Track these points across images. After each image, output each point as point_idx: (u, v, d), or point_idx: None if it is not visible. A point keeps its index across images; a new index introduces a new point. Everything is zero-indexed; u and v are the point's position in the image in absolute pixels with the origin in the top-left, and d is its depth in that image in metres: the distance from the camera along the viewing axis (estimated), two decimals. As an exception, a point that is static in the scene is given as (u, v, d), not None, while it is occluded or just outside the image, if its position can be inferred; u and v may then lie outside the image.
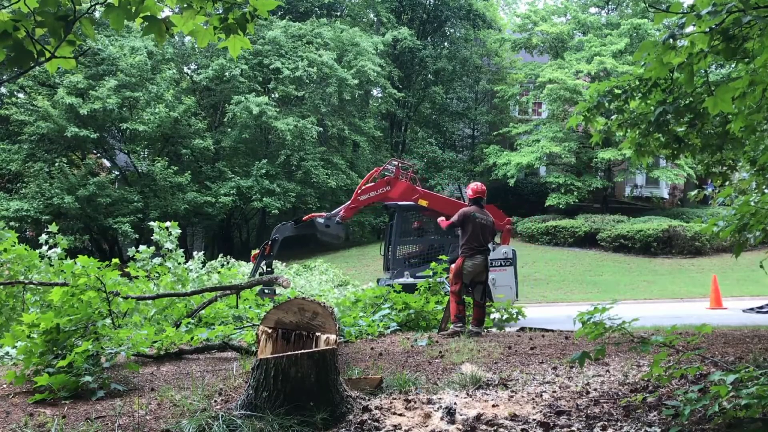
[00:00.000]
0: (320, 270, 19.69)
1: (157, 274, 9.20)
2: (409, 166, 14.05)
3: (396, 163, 13.96)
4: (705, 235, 21.66)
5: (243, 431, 3.48)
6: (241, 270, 14.65)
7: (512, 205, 30.26)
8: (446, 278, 8.56)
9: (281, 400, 3.65)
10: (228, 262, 15.39)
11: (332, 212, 13.52)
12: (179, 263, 9.99)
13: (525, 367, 5.43)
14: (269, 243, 13.25)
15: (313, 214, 13.92)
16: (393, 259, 12.76)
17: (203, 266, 12.34)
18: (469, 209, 7.91)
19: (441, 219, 8.55)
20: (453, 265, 7.95)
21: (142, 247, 9.99)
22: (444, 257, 10.28)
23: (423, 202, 13.08)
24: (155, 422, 3.88)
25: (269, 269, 13.01)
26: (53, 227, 9.80)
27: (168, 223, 11.22)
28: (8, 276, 7.57)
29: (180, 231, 11.02)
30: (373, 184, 13.46)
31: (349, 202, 13.52)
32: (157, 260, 9.75)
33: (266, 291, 11.12)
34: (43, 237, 9.64)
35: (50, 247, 9.34)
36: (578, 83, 27.76)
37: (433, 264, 9.64)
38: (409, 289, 9.86)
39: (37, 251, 8.53)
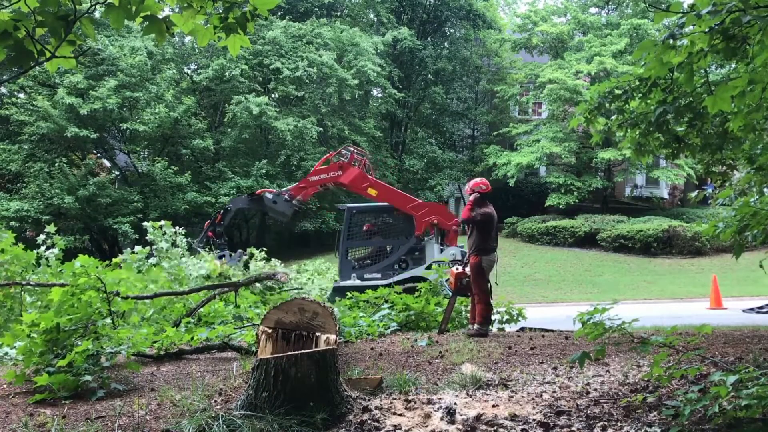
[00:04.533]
0: (319, 270, 19.68)
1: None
2: (364, 153, 14.05)
3: (352, 149, 13.99)
4: (705, 236, 21.68)
5: (243, 431, 3.48)
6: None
7: (512, 205, 30.28)
8: (446, 281, 8.53)
9: (281, 400, 3.65)
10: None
11: (282, 189, 13.68)
12: (177, 263, 9.99)
13: (525, 367, 5.43)
14: (221, 212, 13.52)
15: (264, 189, 14.09)
16: (341, 262, 12.72)
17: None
18: (490, 210, 7.82)
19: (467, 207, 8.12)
20: (457, 268, 7.88)
21: (137, 248, 9.99)
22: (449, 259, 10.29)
23: (372, 192, 13.14)
24: (155, 422, 3.87)
25: (220, 240, 13.05)
26: (51, 228, 9.80)
27: (162, 222, 11.23)
28: (6, 277, 7.56)
29: (181, 230, 11.05)
30: (325, 166, 13.54)
31: (299, 182, 13.73)
32: (154, 260, 9.75)
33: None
34: (41, 237, 9.64)
35: (48, 248, 9.34)
36: (578, 83, 27.77)
37: (433, 267, 9.64)
38: (356, 291, 9.90)
39: (35, 252, 8.53)
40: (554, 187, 29.16)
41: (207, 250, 12.73)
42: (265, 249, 13.15)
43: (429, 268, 12.33)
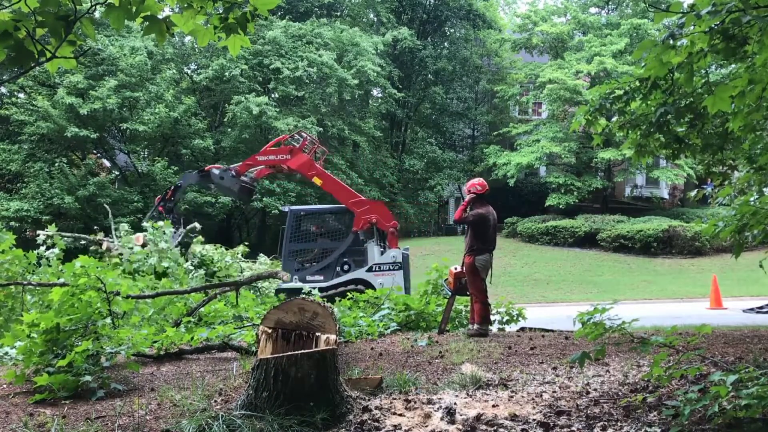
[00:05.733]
0: None
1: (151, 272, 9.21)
2: (316, 142, 14.12)
3: (305, 135, 14.13)
4: (705, 235, 21.70)
5: (243, 431, 3.48)
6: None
7: (512, 205, 30.29)
8: (445, 280, 8.53)
9: (281, 400, 3.65)
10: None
11: (230, 166, 13.83)
12: (177, 263, 9.99)
13: (525, 367, 5.43)
14: (172, 188, 13.77)
15: (213, 165, 14.24)
16: (283, 264, 12.74)
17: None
18: (484, 211, 7.79)
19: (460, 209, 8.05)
20: (456, 268, 7.87)
21: (137, 248, 10.00)
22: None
23: (317, 181, 13.26)
24: (155, 422, 3.87)
25: (169, 216, 13.10)
26: (52, 228, 9.80)
27: (161, 223, 11.25)
28: (6, 277, 7.57)
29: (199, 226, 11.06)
30: (276, 148, 13.64)
31: (247, 159, 13.98)
32: (153, 260, 9.76)
33: None
34: (41, 237, 9.65)
35: (48, 248, 9.34)
36: (578, 83, 27.77)
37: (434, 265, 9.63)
38: (296, 293, 9.89)
39: (35, 252, 8.53)
40: (554, 187, 29.16)
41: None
42: (246, 243, 13.22)
43: (370, 270, 12.36)
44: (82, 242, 12.74)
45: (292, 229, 13.06)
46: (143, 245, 10.95)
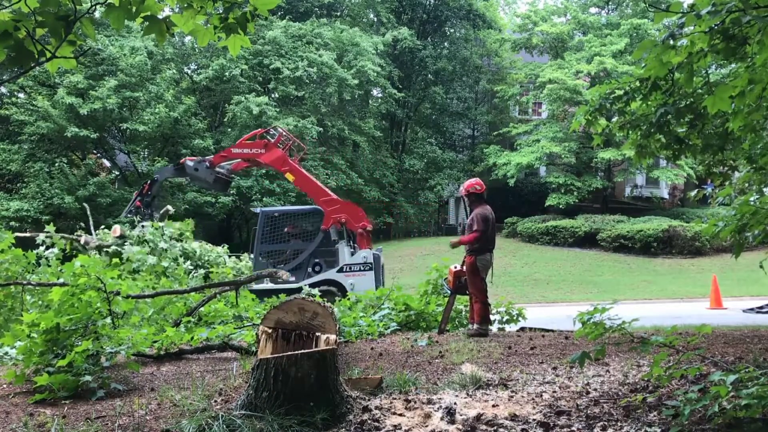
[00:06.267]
0: None
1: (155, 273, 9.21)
2: (292, 138, 14.15)
3: (280, 130, 14.18)
4: (705, 235, 21.70)
5: (243, 431, 3.48)
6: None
7: (512, 205, 30.30)
8: (445, 279, 8.53)
9: (281, 400, 3.65)
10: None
11: (204, 158, 13.95)
12: (177, 263, 9.99)
13: (525, 367, 5.43)
14: (149, 182, 13.91)
15: (187, 158, 14.31)
16: (254, 265, 12.78)
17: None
18: (487, 211, 7.78)
19: (462, 238, 7.89)
20: (455, 267, 7.86)
21: (136, 248, 10.00)
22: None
23: (290, 177, 13.40)
24: (155, 422, 3.87)
25: (146, 210, 13.16)
26: (50, 228, 9.80)
27: (162, 223, 11.25)
28: (6, 277, 7.57)
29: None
30: (251, 142, 13.73)
31: (221, 151, 14.08)
32: (152, 260, 9.76)
33: None
34: (41, 237, 9.64)
35: (47, 248, 9.34)
36: (578, 83, 27.78)
37: (433, 266, 9.62)
38: (267, 294, 9.87)
39: (35, 252, 8.53)
40: (554, 187, 29.16)
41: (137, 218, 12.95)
42: (226, 245, 13.30)
43: (341, 271, 12.36)
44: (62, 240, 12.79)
45: (264, 230, 13.11)
46: (120, 236, 11.00)
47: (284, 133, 13.96)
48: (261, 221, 13.24)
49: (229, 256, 12.73)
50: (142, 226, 11.99)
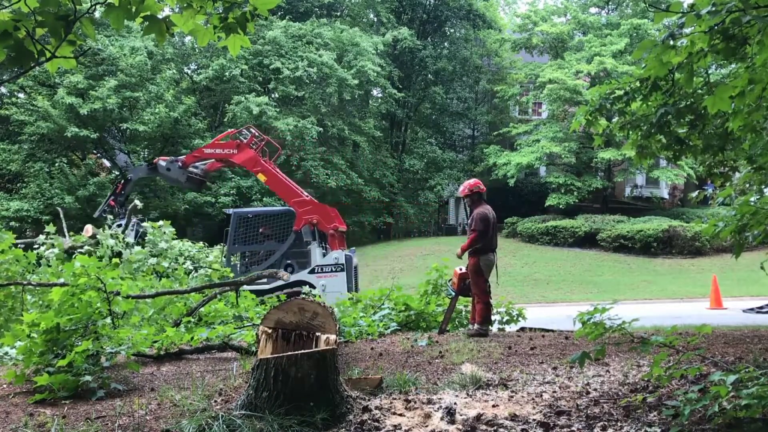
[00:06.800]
0: None
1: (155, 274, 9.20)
2: (265, 139, 14.20)
3: (253, 131, 14.22)
4: (705, 236, 21.70)
5: (243, 431, 3.48)
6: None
7: (512, 205, 30.29)
8: (449, 281, 8.53)
9: (281, 400, 3.65)
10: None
11: (177, 157, 13.95)
12: (177, 263, 9.99)
13: (525, 367, 5.43)
14: (123, 181, 14.02)
15: (161, 157, 14.34)
16: (226, 265, 12.72)
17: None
18: (487, 211, 7.78)
19: (463, 246, 7.82)
20: (461, 269, 7.86)
21: (136, 248, 10.00)
22: None
23: (262, 178, 13.47)
24: (155, 422, 3.87)
25: (120, 209, 13.13)
26: (50, 228, 9.79)
27: (161, 223, 11.24)
28: (6, 277, 7.57)
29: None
30: (224, 142, 13.79)
31: (194, 150, 14.14)
32: (153, 260, 9.76)
33: None
34: (41, 237, 9.64)
35: (48, 248, 9.34)
36: (578, 83, 27.77)
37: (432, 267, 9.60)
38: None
39: (35, 252, 8.53)
40: (554, 187, 29.16)
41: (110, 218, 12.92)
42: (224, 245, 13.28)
43: (312, 272, 12.36)
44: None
45: (236, 231, 13.14)
46: (92, 236, 10.97)
47: (257, 134, 13.99)
48: (233, 222, 13.29)
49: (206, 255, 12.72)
50: (117, 226, 11.99)
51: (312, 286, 11.92)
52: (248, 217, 13.47)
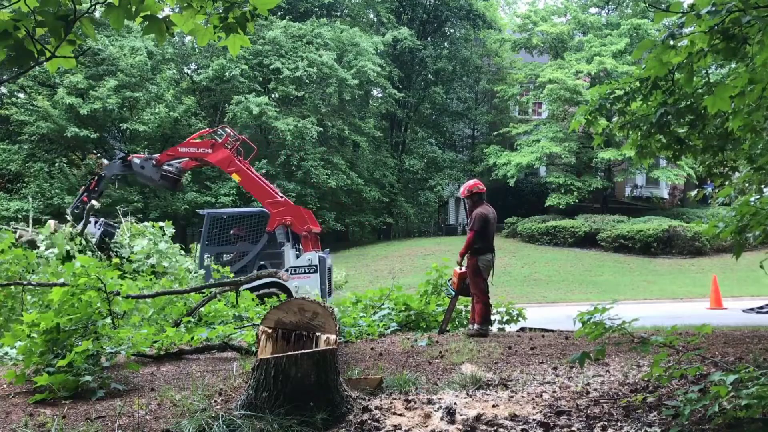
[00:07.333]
0: None
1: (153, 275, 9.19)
2: (240, 138, 14.16)
3: (228, 130, 14.18)
4: (705, 236, 21.68)
5: (243, 431, 3.48)
6: None
7: (512, 205, 30.29)
8: (449, 281, 8.53)
9: (281, 400, 3.65)
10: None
11: (151, 156, 13.92)
12: (177, 262, 9.98)
13: (525, 367, 5.43)
14: (95, 178, 13.84)
15: (135, 154, 14.36)
16: (199, 266, 12.63)
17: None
18: (487, 211, 7.78)
19: (461, 250, 7.86)
20: (460, 269, 7.86)
21: (136, 248, 9.99)
22: None
23: (236, 178, 13.38)
24: (155, 422, 3.87)
25: (90, 206, 13.08)
26: (48, 228, 9.77)
27: (162, 223, 11.22)
28: (6, 277, 7.56)
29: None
30: (199, 141, 13.79)
31: (168, 149, 14.18)
32: (153, 260, 9.75)
33: None
34: (41, 237, 9.63)
35: (48, 248, 9.32)
36: (578, 83, 27.77)
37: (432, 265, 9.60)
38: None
39: (35, 252, 8.53)
40: (554, 187, 29.16)
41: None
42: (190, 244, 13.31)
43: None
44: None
45: (209, 232, 13.13)
46: (54, 232, 10.91)
47: (232, 134, 13.96)
48: (206, 223, 13.28)
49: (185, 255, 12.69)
50: (88, 222, 11.92)
51: (285, 287, 11.88)
52: (222, 218, 13.47)
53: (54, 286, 5.74)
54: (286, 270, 12.25)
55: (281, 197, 13.29)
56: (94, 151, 28.42)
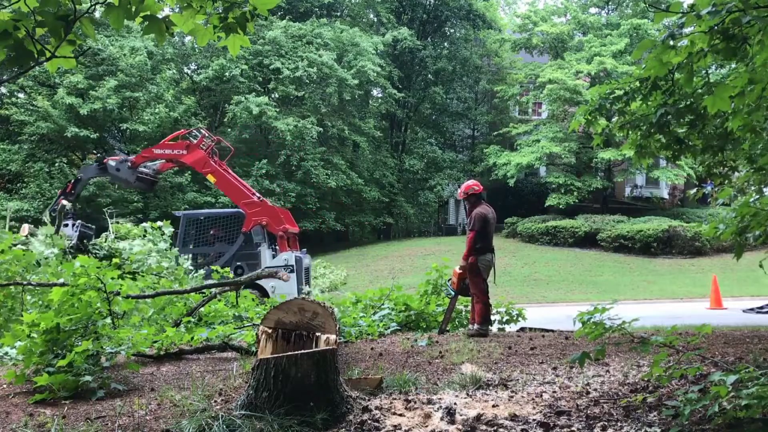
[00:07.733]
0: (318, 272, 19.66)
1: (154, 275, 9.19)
2: (216, 140, 14.20)
3: (203, 132, 14.23)
4: (706, 237, 21.68)
5: (243, 431, 3.48)
6: None
7: (512, 205, 30.30)
8: (449, 281, 8.53)
9: (281, 400, 3.65)
10: None
11: (127, 157, 13.93)
12: (177, 262, 9.99)
13: (525, 367, 5.43)
14: (72, 181, 13.88)
15: (110, 157, 14.32)
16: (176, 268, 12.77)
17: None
18: (486, 211, 7.78)
19: (464, 253, 7.80)
20: (459, 268, 7.86)
21: (137, 248, 10.00)
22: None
23: (211, 179, 13.42)
24: (155, 422, 3.87)
25: (68, 210, 13.05)
26: (46, 228, 9.77)
27: (160, 223, 11.23)
28: (6, 277, 7.56)
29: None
30: (174, 143, 13.81)
31: (143, 150, 14.24)
32: (153, 260, 9.76)
33: None
34: (41, 237, 9.63)
35: (48, 248, 9.32)
36: (578, 83, 27.77)
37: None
38: None
39: (35, 251, 8.53)
40: (554, 187, 29.16)
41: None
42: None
43: None
44: None
45: (185, 233, 13.16)
46: (29, 235, 10.90)
47: (207, 135, 13.98)
48: (182, 224, 13.30)
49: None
50: (64, 226, 11.92)
51: (261, 287, 11.87)
52: (199, 219, 13.52)
53: (54, 286, 5.74)
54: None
55: (258, 198, 13.31)
56: (94, 151, 28.41)
